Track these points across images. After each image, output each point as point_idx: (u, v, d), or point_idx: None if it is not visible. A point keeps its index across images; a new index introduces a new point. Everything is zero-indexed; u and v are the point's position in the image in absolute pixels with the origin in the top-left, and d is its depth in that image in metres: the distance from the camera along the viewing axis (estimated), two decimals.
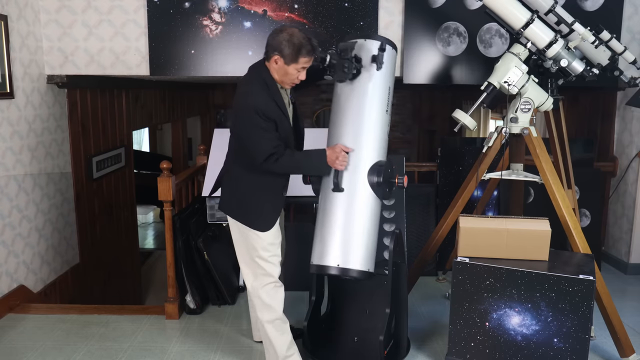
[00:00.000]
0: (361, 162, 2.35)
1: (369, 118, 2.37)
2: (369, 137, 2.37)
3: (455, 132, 2.87)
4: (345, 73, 2.33)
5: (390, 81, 2.46)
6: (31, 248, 3.58)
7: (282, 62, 2.28)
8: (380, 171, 2.33)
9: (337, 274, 2.30)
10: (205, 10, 3.60)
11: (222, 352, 2.83)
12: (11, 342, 2.93)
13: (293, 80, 2.35)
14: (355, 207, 2.33)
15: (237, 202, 2.48)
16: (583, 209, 4.04)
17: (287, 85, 2.39)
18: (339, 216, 2.33)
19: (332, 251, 2.31)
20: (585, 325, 2.30)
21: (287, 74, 2.31)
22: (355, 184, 2.34)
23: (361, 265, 2.30)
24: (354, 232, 2.32)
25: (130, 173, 5.32)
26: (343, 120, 2.39)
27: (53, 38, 3.69)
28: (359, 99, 2.38)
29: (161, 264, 6.73)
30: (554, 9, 2.75)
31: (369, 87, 2.39)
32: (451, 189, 3.90)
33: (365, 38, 2.42)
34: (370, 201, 2.35)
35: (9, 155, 3.35)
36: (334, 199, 2.35)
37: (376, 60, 2.37)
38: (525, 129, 2.76)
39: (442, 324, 3.10)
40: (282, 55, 2.26)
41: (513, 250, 2.48)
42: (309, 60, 2.30)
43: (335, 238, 2.31)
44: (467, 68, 3.72)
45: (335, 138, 2.40)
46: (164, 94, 6.23)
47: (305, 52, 2.26)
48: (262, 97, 2.29)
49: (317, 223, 2.40)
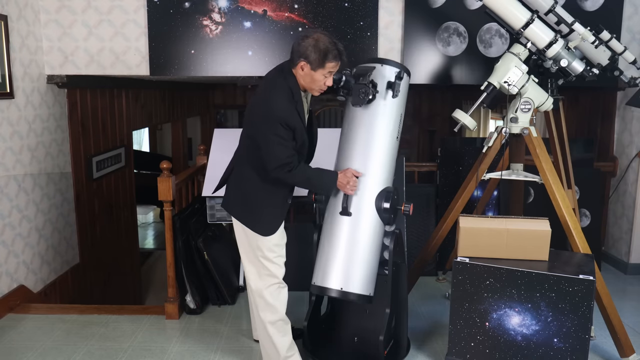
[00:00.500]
0: (369, 187, 2.38)
1: (379, 144, 2.39)
2: (378, 163, 2.39)
3: (455, 132, 2.87)
4: (361, 99, 2.32)
5: (402, 107, 2.48)
6: (31, 248, 3.58)
7: (309, 68, 2.26)
8: (388, 197, 2.36)
9: (338, 297, 2.35)
10: (205, 10, 3.60)
11: (222, 352, 2.83)
12: (11, 342, 2.93)
13: (320, 87, 2.32)
14: (360, 232, 2.36)
15: (243, 203, 2.47)
16: (583, 209, 4.04)
17: (315, 92, 2.36)
18: (343, 239, 2.36)
19: (335, 274, 2.34)
20: (585, 325, 2.30)
21: (314, 80, 2.29)
22: (361, 208, 2.37)
23: (362, 289, 2.34)
24: (357, 257, 2.35)
25: (130, 173, 5.32)
26: (354, 145, 2.41)
27: (53, 38, 3.69)
28: (371, 125, 2.40)
29: (161, 264, 6.73)
30: (554, 9, 2.75)
31: (383, 113, 2.40)
32: (451, 189, 3.90)
33: (382, 63, 2.43)
34: (375, 226, 2.39)
35: (9, 155, 3.35)
36: (339, 221, 2.38)
37: (392, 88, 2.37)
38: (525, 129, 2.76)
39: (442, 324, 3.10)
40: (308, 61, 2.25)
41: (513, 250, 2.48)
42: (335, 65, 2.28)
43: (339, 261, 2.35)
44: (467, 68, 3.72)
45: (345, 161, 2.42)
46: (164, 94, 6.23)
47: (332, 57, 2.25)
48: (287, 106, 2.28)
49: (320, 243, 2.44)
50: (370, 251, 2.37)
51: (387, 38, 3.70)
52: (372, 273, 2.39)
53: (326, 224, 2.44)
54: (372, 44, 3.67)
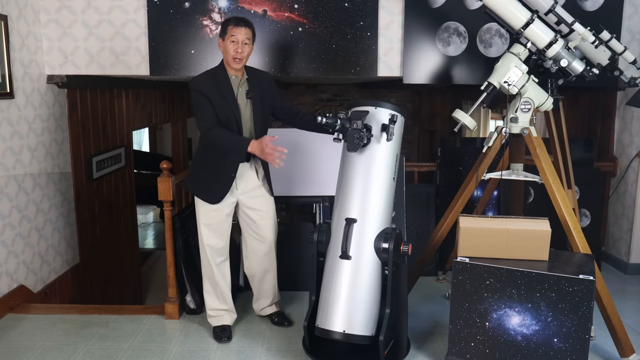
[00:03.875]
0: (368, 230, 2.41)
1: (377, 188, 2.43)
2: (376, 206, 2.43)
3: (455, 132, 2.87)
4: (356, 144, 2.36)
5: (398, 148, 2.50)
6: (31, 248, 3.58)
7: (221, 41, 2.72)
8: (387, 238, 2.40)
9: (342, 339, 2.40)
10: (205, 10, 3.60)
11: (222, 352, 2.83)
12: (11, 342, 2.93)
13: (233, 55, 2.66)
14: (361, 275, 2.40)
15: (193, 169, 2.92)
16: (583, 209, 4.04)
17: (234, 64, 2.69)
18: (344, 283, 2.40)
19: (338, 317, 2.39)
20: (585, 325, 2.30)
21: (227, 51, 2.68)
22: (361, 252, 2.40)
23: (365, 330, 2.39)
24: (359, 300, 2.39)
25: (130, 173, 5.31)
26: (351, 189, 2.44)
27: (53, 38, 3.69)
28: (367, 169, 2.43)
29: (161, 264, 6.73)
30: (554, 9, 2.75)
31: (378, 157, 2.43)
32: (451, 189, 3.89)
33: (375, 106, 2.45)
34: (375, 269, 2.43)
35: (9, 155, 3.35)
36: (340, 265, 2.42)
37: (387, 131, 2.39)
38: (525, 129, 2.75)
39: (442, 324, 3.10)
40: (220, 36, 2.73)
41: (513, 250, 2.48)
42: (235, 28, 2.65)
43: (341, 305, 2.39)
44: (467, 68, 3.72)
45: (343, 206, 2.46)
46: (164, 94, 6.22)
47: (232, 22, 2.67)
48: (203, 78, 2.72)
49: (323, 285, 2.48)
50: (371, 292, 2.42)
51: (387, 38, 3.70)
52: (375, 314, 2.44)
53: (327, 267, 2.48)
54: (372, 44, 3.67)
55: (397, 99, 8.99)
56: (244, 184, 2.84)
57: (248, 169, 2.83)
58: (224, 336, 2.91)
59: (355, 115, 2.40)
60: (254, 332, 3.04)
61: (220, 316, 2.98)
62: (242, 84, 2.76)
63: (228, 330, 2.95)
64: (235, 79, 2.75)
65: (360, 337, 2.39)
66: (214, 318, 2.98)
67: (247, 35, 2.68)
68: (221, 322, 2.97)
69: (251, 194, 2.87)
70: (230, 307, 2.99)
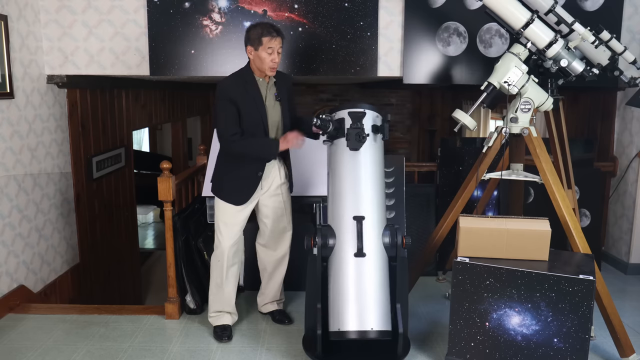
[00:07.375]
0: (372, 228, 2.45)
1: (375, 184, 2.52)
2: (377, 202, 2.51)
3: (455, 132, 2.87)
4: (359, 142, 2.48)
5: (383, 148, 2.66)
6: (31, 248, 3.58)
7: (253, 50, 2.68)
8: (393, 234, 2.48)
9: (359, 338, 2.39)
10: (205, 10, 3.60)
11: (222, 352, 2.83)
12: (11, 342, 2.93)
13: (269, 65, 2.67)
14: (369, 272, 2.42)
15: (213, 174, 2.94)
16: (583, 209, 4.04)
17: (269, 72, 2.70)
18: (352, 282, 2.41)
19: (351, 317, 2.39)
20: (585, 325, 2.30)
21: (261, 59, 2.67)
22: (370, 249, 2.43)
23: (380, 325, 2.38)
24: (373, 297, 2.40)
25: (130, 173, 5.32)
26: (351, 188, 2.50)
27: (53, 38, 3.69)
28: (366, 167, 2.53)
29: (161, 264, 6.73)
30: (554, 9, 2.75)
31: (373, 155, 2.55)
32: (451, 189, 3.89)
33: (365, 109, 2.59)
34: (384, 264, 2.46)
35: (9, 155, 3.35)
36: (347, 264, 2.43)
37: (382, 131, 2.58)
38: (525, 129, 2.75)
39: (442, 324, 3.10)
40: (251, 45, 2.67)
41: (513, 250, 2.48)
42: (271, 40, 2.63)
43: (352, 303, 2.39)
44: (467, 68, 3.72)
45: (338, 207, 2.50)
46: (164, 94, 6.22)
47: (266, 33, 2.63)
48: (231, 83, 2.71)
49: (330, 288, 2.48)
50: (383, 288, 2.43)
51: (387, 38, 3.70)
52: (387, 307, 2.44)
53: (333, 269, 2.48)
54: (372, 44, 3.67)
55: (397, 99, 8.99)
56: (269, 183, 2.88)
57: (273, 168, 2.87)
58: (225, 336, 2.91)
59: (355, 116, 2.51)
60: (255, 331, 3.04)
61: (222, 316, 2.99)
62: (269, 87, 2.80)
63: (229, 329, 2.95)
64: (262, 82, 2.78)
65: (377, 332, 2.38)
66: (214, 318, 2.99)
67: (281, 43, 2.71)
68: (222, 322, 2.97)
69: (272, 192, 2.91)
70: (232, 309, 3.00)
